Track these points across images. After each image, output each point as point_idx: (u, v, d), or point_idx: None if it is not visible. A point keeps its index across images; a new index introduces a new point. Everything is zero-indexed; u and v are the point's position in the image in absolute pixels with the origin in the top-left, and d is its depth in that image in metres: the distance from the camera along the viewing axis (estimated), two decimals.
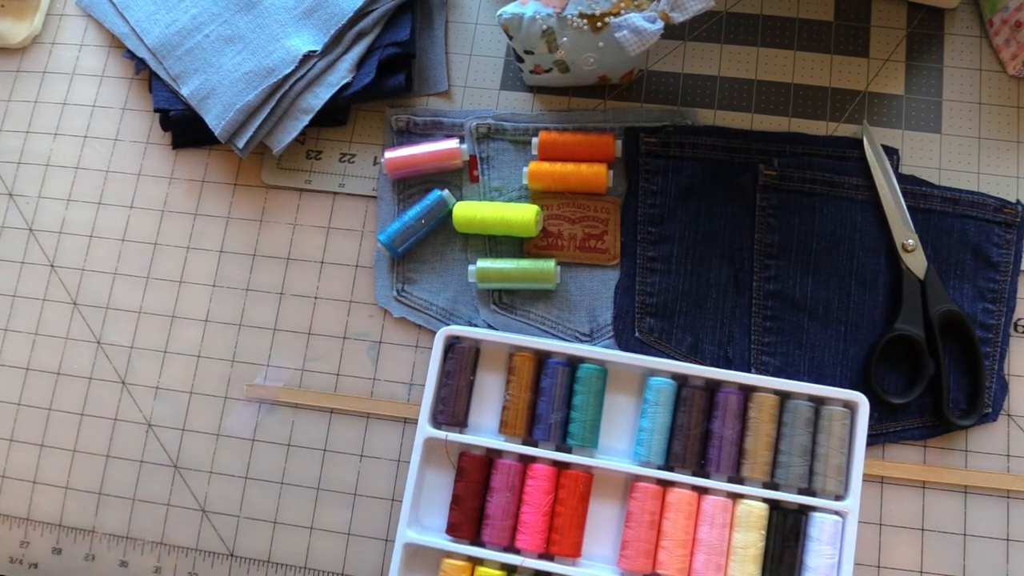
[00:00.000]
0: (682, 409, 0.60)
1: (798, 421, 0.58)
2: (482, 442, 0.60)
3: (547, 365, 0.61)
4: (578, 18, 0.59)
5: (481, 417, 0.63)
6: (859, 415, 0.58)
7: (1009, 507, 0.60)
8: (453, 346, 0.62)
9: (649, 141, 0.65)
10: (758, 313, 0.63)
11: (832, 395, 0.58)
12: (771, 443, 0.59)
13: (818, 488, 0.58)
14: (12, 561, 0.65)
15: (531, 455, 0.60)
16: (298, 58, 0.66)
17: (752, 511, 0.57)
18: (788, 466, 0.58)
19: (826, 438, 0.58)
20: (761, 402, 0.59)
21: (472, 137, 0.68)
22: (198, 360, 0.67)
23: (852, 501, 0.57)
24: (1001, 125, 0.66)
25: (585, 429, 0.60)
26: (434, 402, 0.61)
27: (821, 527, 0.57)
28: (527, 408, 0.61)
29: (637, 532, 0.58)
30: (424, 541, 0.59)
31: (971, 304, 0.62)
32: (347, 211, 0.68)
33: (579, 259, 0.65)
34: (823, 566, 0.56)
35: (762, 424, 0.59)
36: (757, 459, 0.58)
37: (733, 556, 0.57)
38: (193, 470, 0.65)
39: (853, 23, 0.69)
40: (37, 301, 0.69)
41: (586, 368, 0.61)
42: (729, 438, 0.59)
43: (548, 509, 0.59)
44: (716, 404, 0.60)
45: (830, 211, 0.63)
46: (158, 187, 0.70)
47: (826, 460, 0.58)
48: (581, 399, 0.60)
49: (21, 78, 0.74)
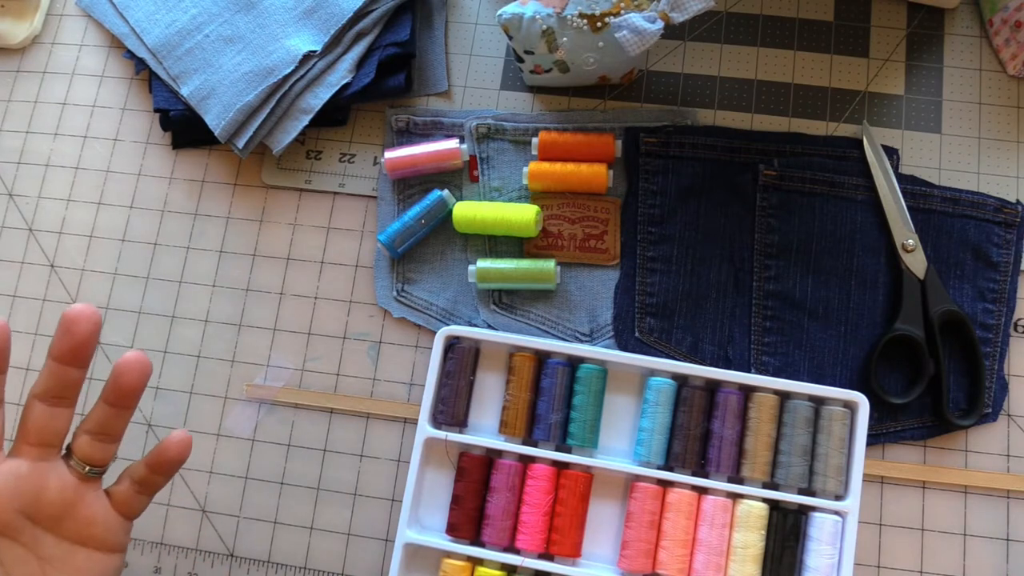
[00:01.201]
0: (682, 409, 0.60)
1: (798, 421, 0.58)
2: (482, 442, 0.60)
3: (547, 365, 0.61)
4: (578, 18, 0.59)
5: (481, 417, 0.63)
6: (859, 415, 0.58)
7: (1009, 507, 0.60)
8: (453, 346, 0.62)
9: (649, 141, 0.65)
10: (758, 313, 0.63)
11: (832, 395, 0.58)
12: (771, 443, 0.59)
13: (818, 488, 0.58)
14: None
15: (531, 455, 0.60)
16: (298, 58, 0.66)
17: (752, 511, 0.57)
18: (788, 466, 0.58)
19: (826, 438, 0.58)
20: (761, 402, 0.59)
21: (472, 137, 0.68)
22: (198, 360, 0.67)
23: (852, 501, 0.57)
24: (1001, 125, 0.66)
25: (585, 429, 0.60)
26: (434, 402, 0.61)
27: (821, 527, 0.57)
28: (527, 408, 0.61)
29: (637, 532, 0.58)
30: (424, 541, 0.59)
31: (971, 304, 0.62)
32: (347, 211, 0.68)
33: (579, 259, 0.65)
34: (823, 566, 0.56)
35: (762, 424, 0.59)
36: (757, 459, 0.58)
37: (733, 556, 0.57)
38: (193, 470, 0.65)
39: (853, 23, 0.69)
40: (37, 301, 0.69)
41: (586, 368, 0.61)
42: (729, 438, 0.59)
43: (548, 509, 0.59)
44: (716, 404, 0.60)
45: (830, 211, 0.63)
46: (158, 187, 0.70)
47: (826, 460, 0.58)
48: (581, 399, 0.60)
49: (21, 78, 0.74)
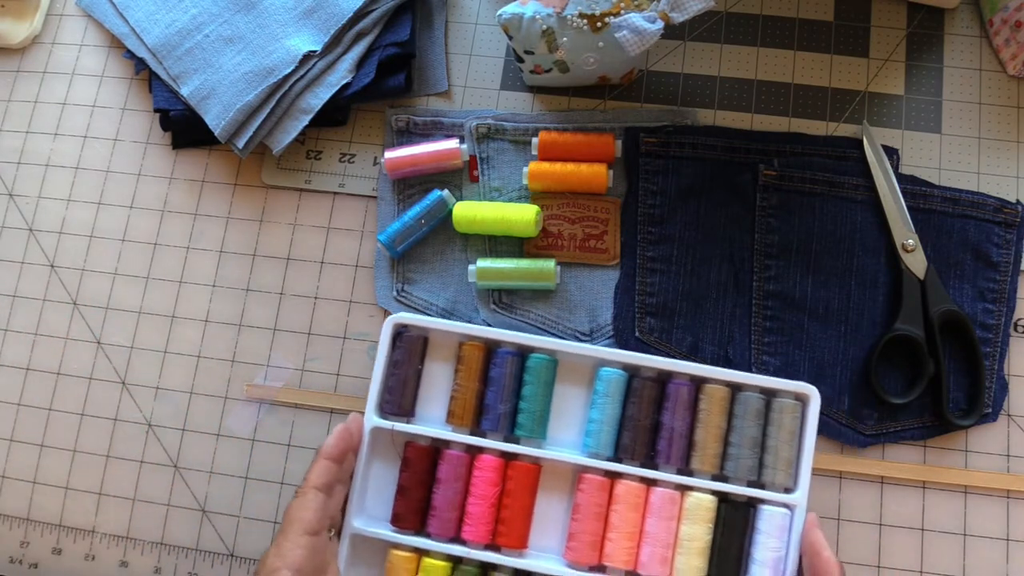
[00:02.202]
0: (632, 400, 0.59)
1: (749, 413, 0.58)
2: (429, 432, 0.60)
3: (496, 355, 0.60)
4: (578, 18, 0.59)
5: (429, 407, 0.62)
6: (810, 407, 0.58)
7: (1009, 507, 0.60)
8: (401, 335, 0.61)
9: (649, 141, 0.65)
10: (758, 313, 0.63)
11: (783, 387, 0.58)
12: (721, 435, 0.58)
13: (767, 481, 0.57)
14: (12, 561, 0.65)
15: (479, 446, 0.59)
16: (298, 58, 0.66)
17: (700, 503, 0.57)
18: (738, 458, 0.58)
19: (776, 430, 0.58)
20: (712, 394, 0.59)
21: (472, 137, 0.68)
22: (198, 360, 0.67)
23: (801, 494, 0.57)
24: (1001, 125, 0.66)
25: (534, 420, 0.59)
26: (381, 391, 0.60)
27: (770, 520, 0.56)
28: (475, 398, 0.60)
29: (584, 524, 0.57)
30: (370, 532, 0.58)
31: (971, 304, 0.62)
32: (347, 211, 0.68)
33: (579, 259, 0.65)
34: (770, 559, 0.56)
35: (712, 416, 0.58)
36: (707, 451, 0.58)
37: (680, 548, 0.57)
38: (193, 470, 0.65)
39: (853, 23, 0.69)
40: (37, 301, 0.69)
41: (536, 358, 0.60)
42: (679, 430, 0.58)
43: (495, 500, 0.58)
44: (667, 395, 0.59)
45: (830, 211, 0.63)
46: (158, 187, 0.70)
47: (776, 452, 0.57)
48: (530, 390, 0.60)
49: (21, 78, 0.74)
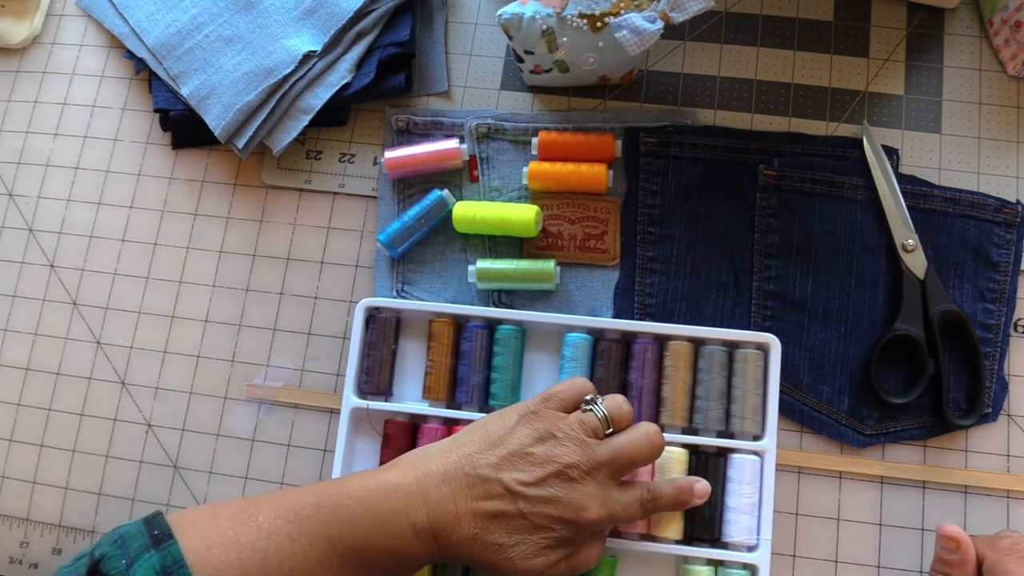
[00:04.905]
0: (599, 363, 0.60)
1: (713, 366, 0.59)
2: (407, 408, 0.61)
3: (466, 329, 0.62)
4: (578, 18, 0.59)
5: (405, 385, 0.64)
6: (772, 355, 0.59)
7: (1009, 507, 0.60)
8: (374, 317, 0.63)
9: (649, 141, 0.65)
10: (758, 313, 0.63)
11: (744, 338, 0.60)
12: (688, 389, 0.60)
13: (736, 430, 0.59)
14: (12, 561, 0.65)
15: (455, 418, 0.61)
16: (298, 58, 0.66)
17: (673, 457, 0.58)
18: (706, 410, 0.59)
19: (741, 380, 0.59)
20: (676, 350, 0.60)
21: (472, 137, 0.68)
22: (198, 360, 0.67)
23: (769, 440, 0.58)
24: (1001, 125, 0.66)
25: (507, 389, 0.61)
26: (358, 373, 0.62)
27: (741, 467, 0.58)
28: (449, 372, 0.62)
29: None
30: None
31: (971, 304, 0.62)
32: (347, 211, 0.68)
33: (579, 259, 0.65)
34: (744, 505, 0.57)
35: (678, 371, 0.60)
36: (675, 406, 0.59)
37: None
38: (193, 470, 0.65)
39: (853, 23, 0.69)
40: (37, 301, 0.69)
41: (504, 329, 0.62)
42: (647, 388, 0.60)
43: None
44: (632, 355, 0.60)
45: (830, 211, 0.63)
46: (158, 187, 0.70)
47: (743, 402, 0.59)
48: (501, 360, 0.61)
49: (21, 78, 0.74)
